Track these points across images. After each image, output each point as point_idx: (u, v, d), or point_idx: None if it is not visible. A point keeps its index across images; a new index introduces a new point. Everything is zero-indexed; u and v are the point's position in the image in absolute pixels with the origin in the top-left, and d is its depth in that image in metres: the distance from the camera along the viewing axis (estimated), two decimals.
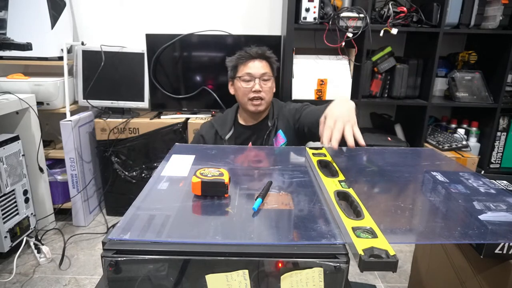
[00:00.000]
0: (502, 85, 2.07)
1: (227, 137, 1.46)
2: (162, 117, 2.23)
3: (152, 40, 2.14)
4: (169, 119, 2.19)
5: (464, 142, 2.16)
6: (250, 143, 1.43)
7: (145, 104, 2.20)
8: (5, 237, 1.74)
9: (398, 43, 2.35)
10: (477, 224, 0.70)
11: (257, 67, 1.41)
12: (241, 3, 2.33)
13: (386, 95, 2.20)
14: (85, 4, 2.32)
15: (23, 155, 1.86)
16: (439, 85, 2.32)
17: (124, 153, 2.20)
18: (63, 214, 2.22)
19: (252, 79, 1.41)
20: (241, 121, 1.52)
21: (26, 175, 1.89)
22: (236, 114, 1.53)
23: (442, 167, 1.05)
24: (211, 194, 0.78)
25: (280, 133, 1.41)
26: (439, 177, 0.94)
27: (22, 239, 1.83)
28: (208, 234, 0.64)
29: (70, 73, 2.17)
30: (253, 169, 1.01)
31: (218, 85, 2.22)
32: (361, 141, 0.91)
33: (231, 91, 1.51)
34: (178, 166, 0.96)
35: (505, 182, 0.95)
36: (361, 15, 1.94)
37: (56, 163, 2.20)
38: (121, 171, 2.21)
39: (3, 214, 1.73)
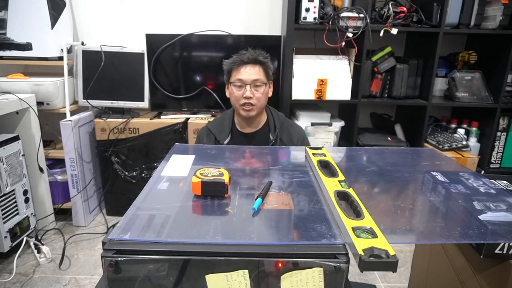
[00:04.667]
0: (502, 85, 2.07)
1: (225, 142, 1.46)
2: (162, 117, 2.23)
3: (152, 40, 2.14)
4: (169, 119, 2.18)
5: (464, 142, 2.16)
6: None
7: (145, 104, 2.20)
8: (5, 237, 1.74)
9: (398, 43, 2.35)
10: (477, 224, 0.70)
11: (249, 73, 1.39)
12: (241, 3, 2.33)
13: (386, 95, 2.20)
14: (85, 4, 2.32)
15: (23, 155, 1.85)
16: (439, 85, 2.32)
17: (124, 153, 2.20)
18: (63, 214, 2.22)
19: (243, 85, 1.40)
20: (238, 127, 1.51)
21: (26, 175, 1.89)
22: (233, 119, 1.52)
23: (442, 167, 1.05)
24: (211, 194, 0.78)
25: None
26: (439, 177, 0.94)
27: (22, 239, 1.83)
28: (208, 234, 0.64)
29: (70, 73, 2.17)
30: (253, 169, 1.01)
31: (218, 85, 2.22)
32: None
33: (227, 94, 1.50)
34: (178, 166, 0.96)
35: (505, 182, 0.95)
36: (361, 15, 1.94)
37: (56, 163, 2.20)
38: (121, 171, 2.21)
39: (3, 214, 1.72)
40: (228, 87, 1.47)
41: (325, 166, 0.92)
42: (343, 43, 1.97)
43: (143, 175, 2.22)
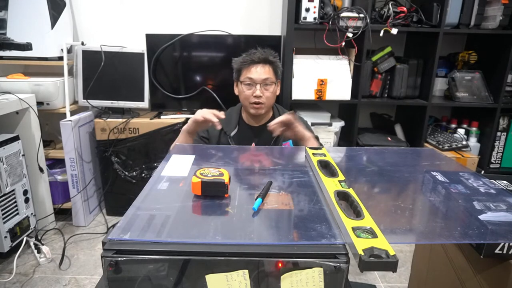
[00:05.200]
0: (502, 85, 2.07)
1: (232, 133, 1.48)
2: (162, 117, 2.23)
3: (152, 40, 2.14)
4: (169, 119, 2.18)
5: (464, 142, 2.16)
6: (253, 143, 1.44)
7: (145, 104, 2.20)
8: (5, 237, 1.74)
9: (398, 43, 2.35)
10: (477, 224, 0.70)
11: (259, 72, 1.42)
12: (241, 3, 2.33)
13: (386, 95, 2.20)
14: (85, 4, 2.32)
15: (23, 155, 1.85)
16: (439, 85, 2.32)
17: (124, 153, 2.20)
18: (63, 214, 2.22)
19: (254, 84, 1.42)
20: (245, 120, 1.54)
21: (26, 175, 1.89)
22: (240, 112, 1.55)
23: (442, 167, 1.05)
24: (211, 194, 0.78)
25: (290, 143, 1.42)
26: (439, 177, 0.94)
27: (22, 239, 1.83)
28: (208, 234, 0.64)
29: (70, 73, 2.17)
30: (253, 169, 1.01)
31: (218, 85, 2.22)
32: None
33: (236, 91, 1.52)
34: (178, 166, 0.96)
35: (505, 182, 0.95)
36: (361, 15, 1.94)
37: (56, 163, 2.20)
38: (121, 171, 2.21)
39: (3, 214, 1.72)
40: (237, 85, 1.49)
41: (325, 166, 0.92)
42: (343, 43, 1.97)
43: (143, 175, 2.22)
